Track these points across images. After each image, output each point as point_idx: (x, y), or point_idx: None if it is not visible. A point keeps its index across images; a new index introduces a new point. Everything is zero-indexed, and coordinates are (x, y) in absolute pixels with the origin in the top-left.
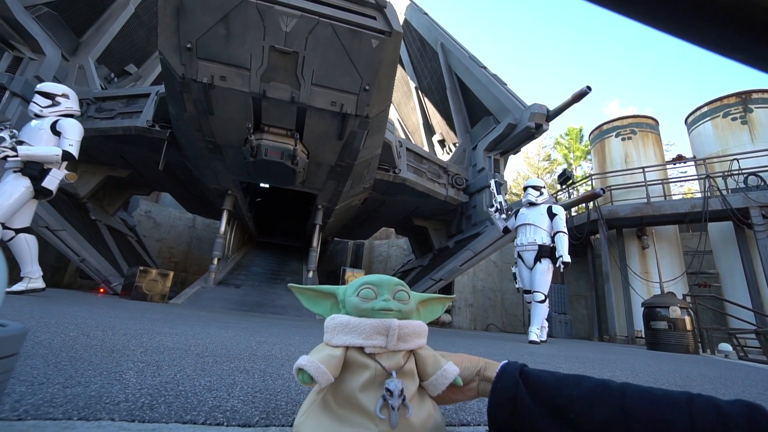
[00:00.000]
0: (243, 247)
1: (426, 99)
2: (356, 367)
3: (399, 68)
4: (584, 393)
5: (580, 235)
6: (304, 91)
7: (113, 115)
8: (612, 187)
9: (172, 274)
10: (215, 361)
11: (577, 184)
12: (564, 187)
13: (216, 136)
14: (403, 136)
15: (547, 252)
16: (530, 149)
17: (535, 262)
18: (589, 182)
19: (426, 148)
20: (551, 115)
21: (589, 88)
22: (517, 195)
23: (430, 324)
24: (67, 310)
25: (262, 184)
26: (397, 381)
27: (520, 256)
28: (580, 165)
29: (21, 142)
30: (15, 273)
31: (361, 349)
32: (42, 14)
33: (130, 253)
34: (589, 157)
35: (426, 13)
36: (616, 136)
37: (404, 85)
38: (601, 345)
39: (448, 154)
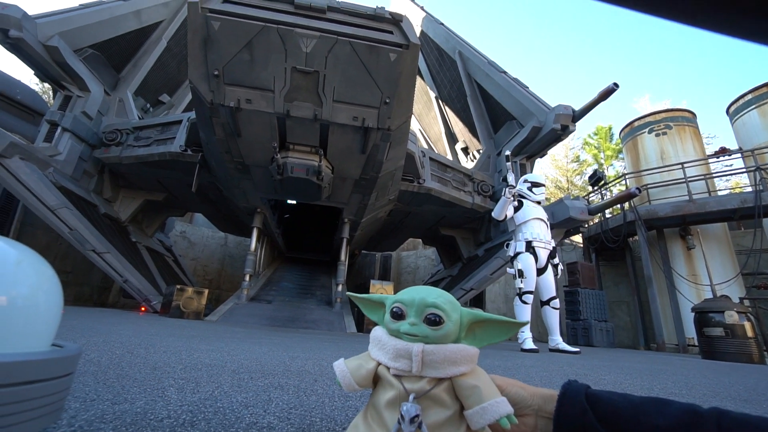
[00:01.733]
0: (273, 263)
1: (447, 108)
2: (385, 383)
3: (418, 79)
4: (672, 424)
5: (617, 237)
6: (326, 108)
7: (149, 142)
8: (648, 186)
9: (206, 291)
10: (250, 377)
11: (610, 185)
12: (596, 188)
13: (244, 156)
14: (425, 146)
15: (554, 255)
16: (557, 151)
17: (547, 263)
18: (623, 182)
19: (449, 156)
20: (577, 116)
21: (616, 85)
22: (546, 200)
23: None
24: (113, 329)
25: (289, 201)
26: (412, 406)
27: (533, 250)
28: (611, 164)
29: None
30: None
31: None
32: (88, 55)
33: (167, 272)
34: (620, 155)
35: (442, 23)
36: (650, 132)
37: (424, 95)
38: (648, 354)
39: (473, 161)
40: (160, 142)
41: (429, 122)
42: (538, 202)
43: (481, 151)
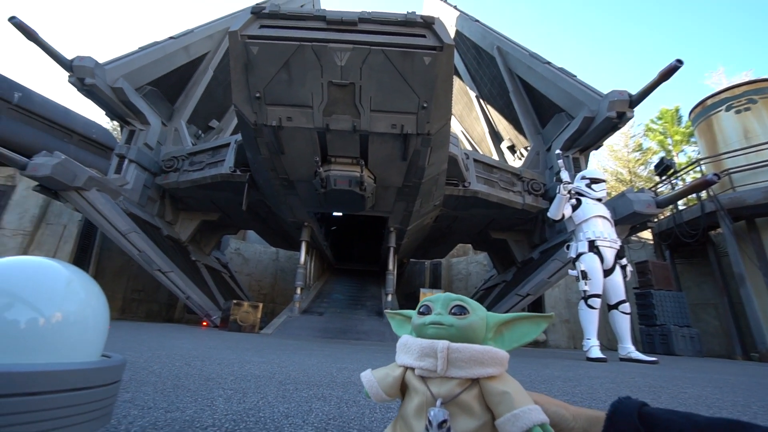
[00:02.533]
0: (323, 275)
1: (489, 106)
2: (412, 389)
3: (457, 80)
4: None
5: (694, 231)
6: (364, 119)
7: (202, 166)
8: (730, 171)
9: (261, 305)
10: (296, 388)
11: (681, 173)
12: (664, 178)
13: (288, 173)
14: (469, 147)
15: (622, 255)
16: (615, 141)
17: (614, 264)
18: (698, 168)
19: (495, 156)
20: (635, 100)
21: (679, 62)
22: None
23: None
24: (176, 343)
25: (334, 213)
26: (440, 411)
27: (597, 249)
28: (681, 151)
29: None
30: None
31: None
32: (146, 92)
33: (225, 288)
34: (692, 139)
35: (477, 20)
36: (728, 109)
37: (464, 96)
38: (749, 365)
39: (520, 159)
40: (211, 165)
41: (471, 123)
42: (599, 199)
43: (528, 149)
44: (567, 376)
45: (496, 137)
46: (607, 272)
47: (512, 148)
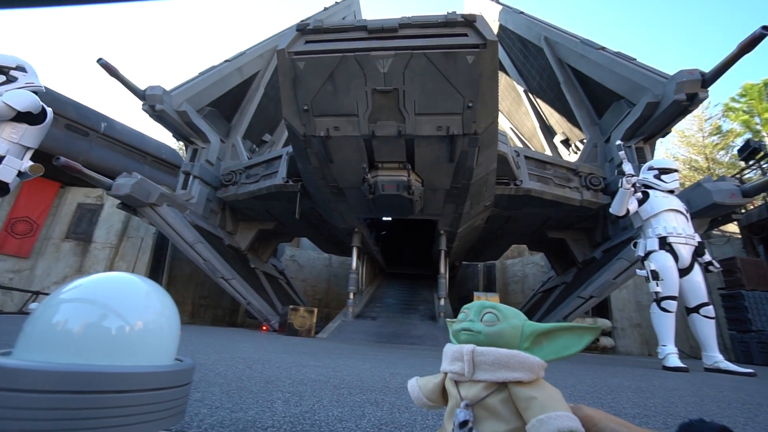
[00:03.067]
0: (375, 280)
1: (538, 100)
2: (449, 394)
3: (503, 75)
4: None
5: None
6: (409, 123)
7: (258, 178)
8: None
9: (316, 310)
10: (349, 392)
11: None
12: (752, 162)
13: (338, 180)
14: (519, 144)
15: (702, 251)
16: (686, 126)
17: (692, 262)
18: None
19: (548, 152)
20: (709, 79)
21: (765, 28)
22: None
23: (585, 349)
24: (239, 347)
25: (384, 218)
26: (464, 412)
27: (669, 247)
28: None
29: None
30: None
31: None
32: (206, 113)
33: (282, 293)
34: None
35: (522, 12)
36: None
37: (512, 91)
38: None
39: (575, 153)
40: (266, 177)
41: (520, 119)
42: (671, 191)
43: (584, 141)
44: (639, 387)
45: (548, 132)
46: (684, 271)
47: (566, 142)
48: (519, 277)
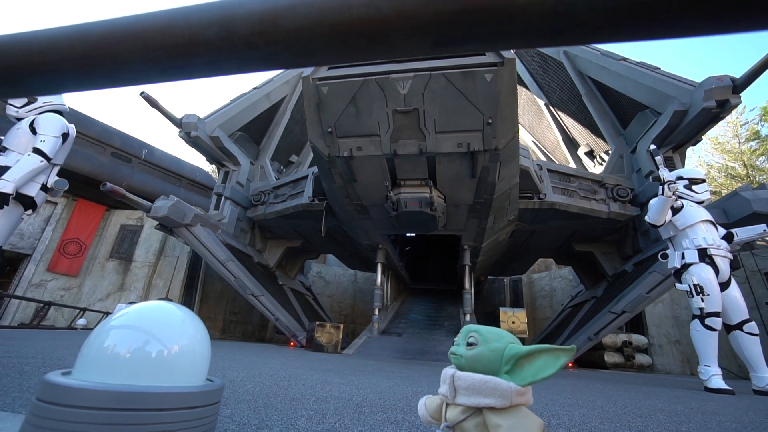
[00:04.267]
0: (400, 296)
1: (560, 113)
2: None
3: (523, 90)
4: None
5: None
6: (430, 141)
7: (285, 198)
8: None
9: (342, 326)
10: (371, 411)
11: None
12: None
13: (362, 198)
14: (542, 158)
15: (738, 265)
16: (719, 132)
17: (729, 277)
18: None
19: (572, 164)
20: (741, 84)
21: None
22: (714, 194)
23: (619, 366)
24: (267, 363)
25: (407, 234)
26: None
27: (710, 259)
28: None
29: (4, 149)
30: None
31: None
32: (237, 137)
33: (309, 309)
34: None
35: None
36: None
37: (532, 105)
38: None
39: (600, 165)
40: (293, 197)
41: (542, 132)
42: (700, 202)
43: (609, 152)
44: (673, 410)
45: (572, 144)
46: (723, 286)
47: (590, 154)
48: (547, 291)
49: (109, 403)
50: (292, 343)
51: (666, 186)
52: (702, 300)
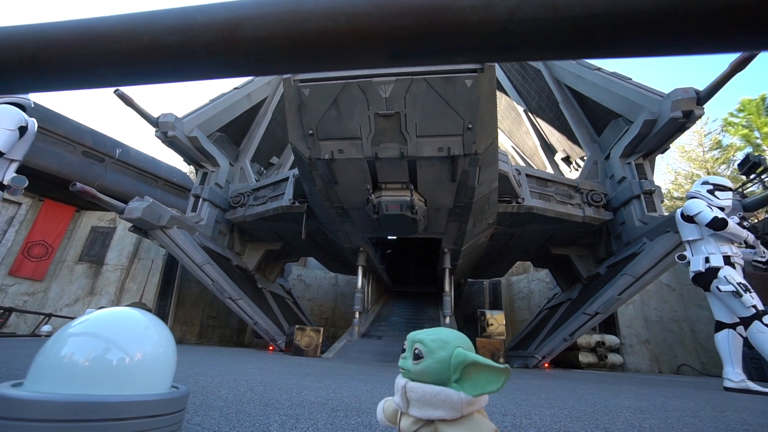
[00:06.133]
0: (381, 299)
1: (538, 119)
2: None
3: (503, 96)
4: None
5: None
6: (411, 145)
7: (265, 200)
8: None
9: (322, 330)
10: (346, 415)
11: None
12: (753, 176)
13: (342, 201)
14: (521, 162)
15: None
16: (686, 141)
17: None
18: None
19: (549, 169)
20: (704, 96)
21: None
22: (681, 200)
23: (592, 366)
24: (244, 368)
25: (388, 237)
26: None
27: (734, 266)
28: None
29: None
30: None
31: None
32: (216, 138)
33: (288, 313)
34: None
35: None
36: None
37: (512, 112)
38: None
39: (577, 170)
40: (273, 199)
41: (521, 137)
42: (721, 209)
43: (585, 158)
44: (639, 407)
45: (549, 150)
46: None
47: (567, 160)
48: (525, 293)
49: (63, 415)
50: (270, 348)
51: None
52: (752, 297)
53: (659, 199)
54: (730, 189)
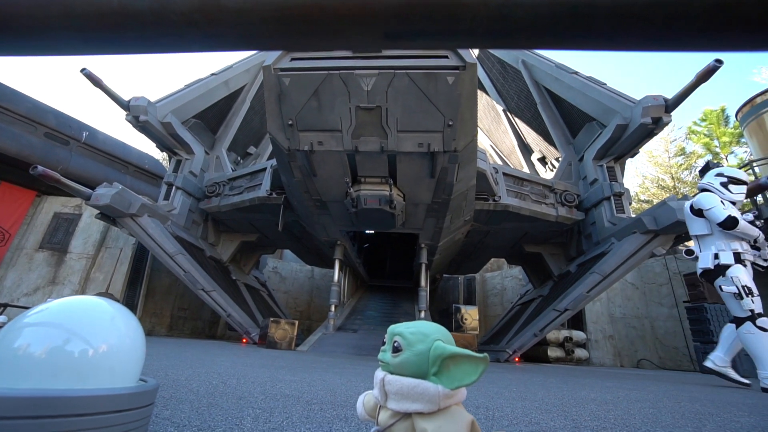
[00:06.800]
0: (357, 292)
1: (517, 119)
2: None
3: (483, 95)
4: None
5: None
6: (392, 139)
7: (241, 190)
8: None
9: (297, 323)
10: (320, 408)
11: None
12: None
13: (321, 194)
14: (499, 161)
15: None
16: (654, 147)
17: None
18: (750, 171)
19: (526, 169)
20: (671, 105)
21: (718, 61)
22: (647, 203)
23: (560, 360)
24: (216, 360)
25: (366, 231)
26: None
27: (744, 263)
28: (731, 152)
29: None
30: None
31: None
32: (191, 124)
33: (263, 305)
34: (743, 140)
35: None
36: None
37: (491, 111)
38: None
39: (551, 171)
40: (250, 189)
41: (500, 136)
42: (734, 203)
43: (559, 160)
44: (604, 399)
45: (526, 150)
46: None
47: (543, 160)
48: (498, 290)
49: (17, 411)
50: (244, 340)
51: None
52: (753, 301)
53: (628, 201)
54: (744, 182)
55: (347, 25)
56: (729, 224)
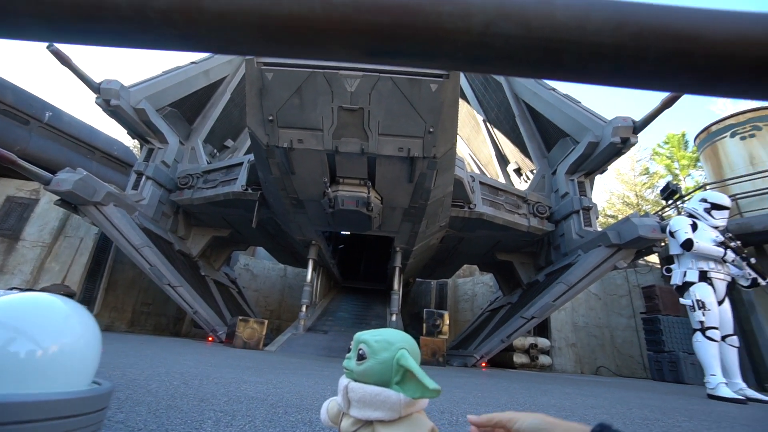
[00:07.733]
0: (329, 293)
1: (495, 130)
2: None
3: (464, 104)
4: None
5: None
6: (372, 142)
7: (216, 184)
8: (737, 197)
9: (266, 322)
10: (285, 411)
11: (687, 198)
12: (670, 202)
13: (298, 192)
14: (476, 170)
15: (733, 287)
16: (622, 165)
17: (725, 296)
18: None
19: (501, 179)
20: (639, 127)
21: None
22: (613, 217)
23: (525, 366)
24: (179, 359)
25: (342, 232)
26: None
27: (710, 281)
28: (688, 175)
29: None
30: None
31: None
32: (167, 113)
33: (232, 303)
34: (699, 164)
35: None
36: (732, 135)
37: (471, 120)
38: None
39: (526, 182)
40: (224, 183)
41: (478, 146)
42: (716, 227)
43: (534, 172)
44: (563, 405)
45: (503, 160)
46: (718, 303)
47: (518, 171)
48: (469, 295)
49: None
50: (210, 339)
51: (730, 254)
52: (703, 314)
53: (595, 215)
54: (727, 208)
55: (330, 38)
56: (686, 246)
